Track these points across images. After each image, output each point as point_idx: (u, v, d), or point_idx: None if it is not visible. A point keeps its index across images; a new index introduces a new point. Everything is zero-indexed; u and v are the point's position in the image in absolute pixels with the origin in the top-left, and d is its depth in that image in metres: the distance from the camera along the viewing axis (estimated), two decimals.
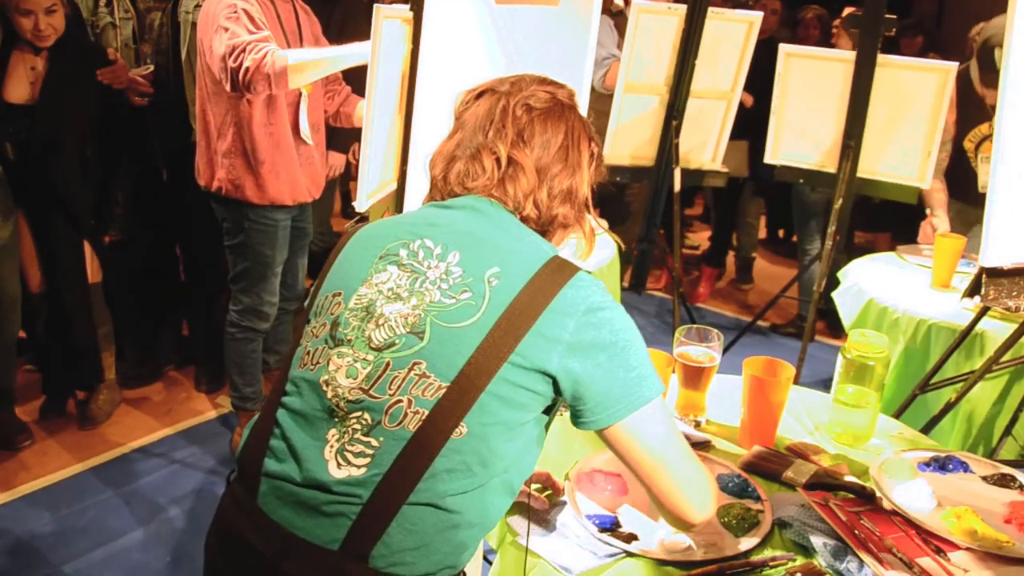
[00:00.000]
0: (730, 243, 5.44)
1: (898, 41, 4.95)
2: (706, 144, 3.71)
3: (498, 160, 1.29)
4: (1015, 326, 2.25)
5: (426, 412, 1.15)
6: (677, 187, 3.56)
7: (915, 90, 3.36)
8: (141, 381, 3.67)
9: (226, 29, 2.52)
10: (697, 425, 1.79)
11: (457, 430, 1.15)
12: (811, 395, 1.99)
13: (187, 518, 2.84)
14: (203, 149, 2.85)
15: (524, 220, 1.30)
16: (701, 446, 1.72)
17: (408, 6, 2.01)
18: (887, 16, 3.33)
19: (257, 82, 2.51)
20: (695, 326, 1.82)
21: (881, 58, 3.36)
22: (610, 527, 1.43)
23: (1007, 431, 2.42)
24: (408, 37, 2.02)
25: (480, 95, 1.36)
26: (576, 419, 1.26)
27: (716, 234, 5.41)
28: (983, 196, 1.82)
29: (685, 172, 3.60)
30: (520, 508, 1.47)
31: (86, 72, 3.06)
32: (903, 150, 3.44)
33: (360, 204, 2.30)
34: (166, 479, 3.04)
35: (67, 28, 2.99)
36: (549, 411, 1.26)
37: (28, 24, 2.86)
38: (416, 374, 1.17)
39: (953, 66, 3.29)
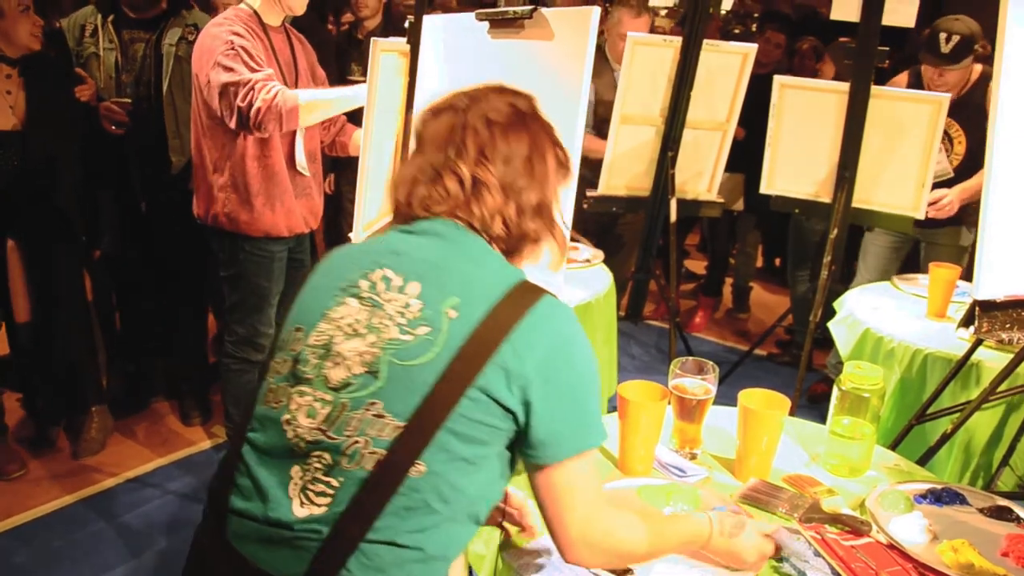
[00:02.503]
0: (726, 273, 5.45)
1: (896, 74, 5.00)
2: (702, 175, 3.73)
3: (461, 181, 1.26)
4: (1011, 355, 2.25)
5: (383, 452, 1.14)
6: (673, 217, 3.57)
7: (909, 121, 3.39)
8: (129, 410, 3.65)
9: (227, 68, 2.53)
10: (693, 457, 1.79)
11: (415, 468, 1.14)
12: (807, 426, 1.98)
13: (182, 549, 2.80)
14: (199, 182, 2.86)
15: (494, 240, 1.28)
16: (697, 479, 1.71)
17: (405, 39, 2.03)
18: (880, 48, 3.37)
19: (268, 121, 2.52)
20: (691, 358, 1.82)
21: (875, 89, 3.38)
22: None
23: (1004, 461, 2.41)
24: (404, 70, 2.04)
25: (438, 113, 1.31)
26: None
27: (712, 264, 5.42)
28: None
29: (681, 203, 3.62)
30: (512, 542, 1.46)
31: (67, 94, 3.09)
32: (898, 180, 3.46)
33: (356, 235, 2.31)
34: (160, 509, 3.02)
35: (45, 51, 3.02)
36: (514, 446, 1.22)
37: None
38: (373, 414, 1.16)
39: (946, 97, 3.31)
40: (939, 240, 3.64)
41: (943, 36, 3.34)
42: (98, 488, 3.15)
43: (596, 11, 1.51)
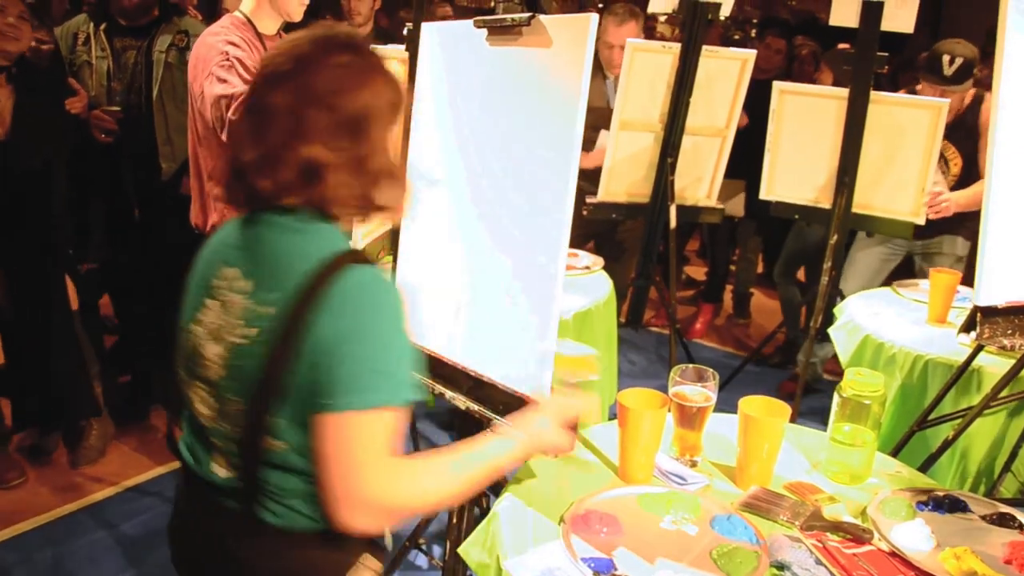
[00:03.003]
0: (727, 279, 5.45)
1: (896, 79, 5.00)
2: (701, 181, 3.73)
3: (281, 158, 1.24)
4: (1012, 361, 2.24)
5: (240, 436, 1.28)
6: (673, 224, 3.56)
7: (908, 126, 3.39)
8: (128, 420, 3.64)
9: (221, 80, 2.53)
10: (694, 465, 1.78)
11: (275, 444, 1.25)
12: (808, 433, 1.98)
13: None
14: (196, 192, 2.85)
15: (329, 214, 1.29)
16: (698, 487, 1.70)
17: (404, 47, 2.04)
18: (879, 53, 3.37)
19: None
20: (691, 365, 1.81)
21: (874, 95, 3.38)
22: (605, 571, 1.41)
23: (1006, 467, 2.41)
24: (403, 78, 2.04)
25: (269, 85, 1.27)
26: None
27: (713, 270, 5.42)
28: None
29: (680, 209, 3.61)
30: (517, 549, 1.45)
31: (56, 102, 3.08)
32: (897, 185, 3.46)
33: (355, 243, 2.31)
34: (159, 519, 3.01)
35: (34, 58, 3.01)
36: None
37: None
38: (237, 409, 1.28)
39: (945, 103, 3.31)
40: (935, 250, 3.63)
41: (946, 59, 3.35)
42: (97, 497, 3.14)
43: (594, 18, 1.50)
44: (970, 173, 3.44)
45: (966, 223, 3.41)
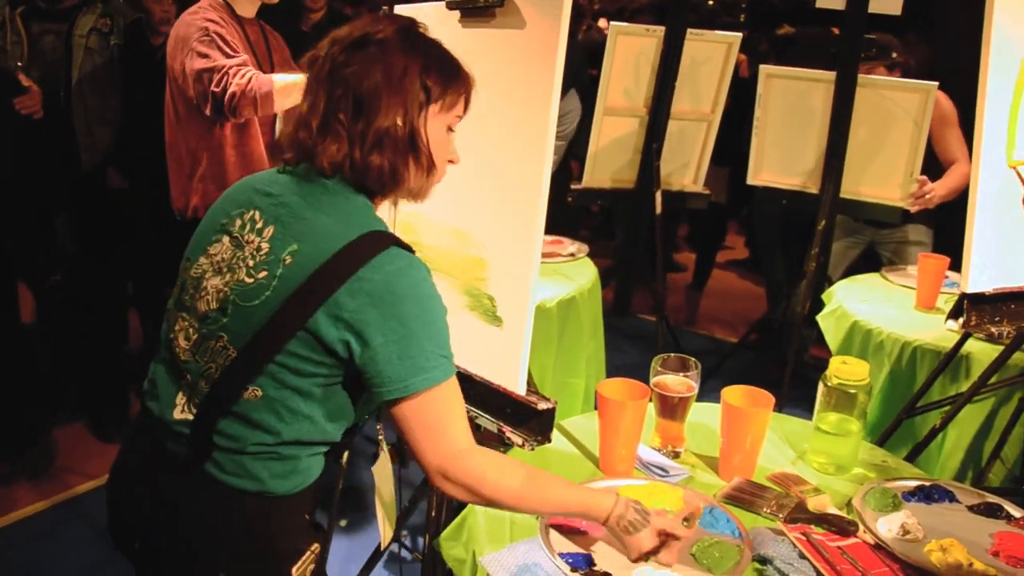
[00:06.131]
0: (713, 265, 5.42)
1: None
2: (687, 166, 3.69)
3: (314, 127, 1.30)
4: (1001, 347, 2.21)
5: (216, 375, 1.29)
6: (659, 210, 3.52)
7: (897, 109, 3.35)
8: (114, 416, 3.59)
9: (202, 55, 2.49)
10: (676, 456, 1.74)
11: (250, 392, 1.26)
12: (793, 422, 1.94)
13: None
14: (176, 177, 2.80)
15: (355, 183, 1.32)
16: (680, 479, 1.67)
17: None
18: (867, 37, 3.33)
19: (244, 107, 2.48)
20: (672, 354, 1.77)
21: (862, 78, 3.34)
22: (583, 566, 1.37)
23: (995, 455, 2.38)
24: None
25: (314, 58, 1.34)
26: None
27: (700, 257, 5.38)
28: None
29: (667, 195, 3.57)
30: (494, 543, 1.42)
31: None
32: (886, 169, 3.42)
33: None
34: None
35: None
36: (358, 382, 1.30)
37: None
38: (220, 345, 1.29)
39: (933, 85, 3.28)
40: (899, 238, 3.58)
41: None
42: (79, 491, 3.11)
43: None
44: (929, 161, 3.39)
45: (930, 210, 3.38)
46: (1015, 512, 1.58)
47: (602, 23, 6.37)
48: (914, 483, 1.66)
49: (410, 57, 1.31)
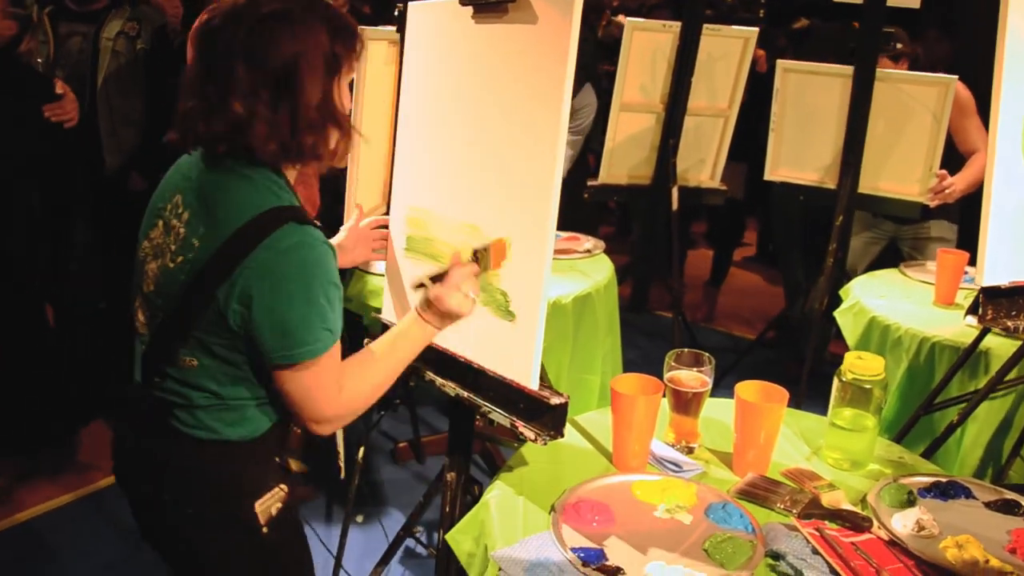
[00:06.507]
0: (731, 262, 5.39)
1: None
2: (704, 162, 3.67)
3: (216, 110, 1.32)
4: (1020, 343, 2.19)
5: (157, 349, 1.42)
6: (675, 206, 3.51)
7: (915, 103, 3.31)
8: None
9: None
10: (690, 451, 1.74)
11: (187, 362, 1.39)
12: (809, 418, 1.93)
13: None
14: None
15: (268, 162, 1.36)
16: (693, 475, 1.66)
17: (395, 28, 1.99)
18: (886, 31, 3.30)
19: None
20: (686, 350, 1.77)
21: (880, 72, 3.31)
22: (595, 561, 1.37)
23: (1015, 452, 2.35)
24: (395, 59, 1.99)
25: (204, 34, 1.35)
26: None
27: (718, 254, 5.36)
28: None
29: (683, 191, 3.55)
30: (506, 538, 1.42)
31: (24, 107, 2.83)
32: (904, 165, 3.39)
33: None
34: None
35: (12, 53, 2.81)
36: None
37: None
38: (158, 322, 1.41)
39: (953, 79, 3.24)
40: (923, 235, 3.54)
41: None
42: (101, 485, 3.14)
43: None
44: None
45: (953, 205, 3.34)
46: None
47: (620, 19, 6.35)
48: (930, 479, 1.64)
49: (317, 28, 1.35)
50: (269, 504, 1.47)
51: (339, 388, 1.42)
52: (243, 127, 1.32)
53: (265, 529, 1.46)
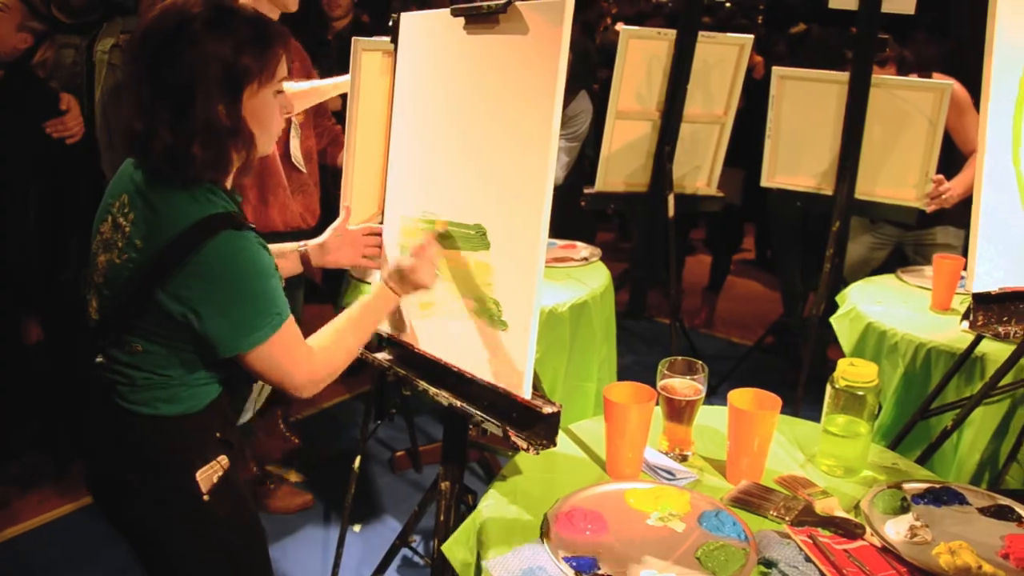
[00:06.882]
0: (729, 268, 5.40)
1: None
2: (700, 169, 3.68)
3: (127, 124, 1.43)
4: (1014, 348, 2.19)
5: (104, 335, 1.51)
6: (671, 213, 3.51)
7: (911, 109, 3.32)
8: None
9: None
10: (683, 459, 1.74)
11: (132, 348, 1.48)
12: (803, 425, 1.93)
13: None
14: None
15: (176, 175, 1.42)
16: (687, 482, 1.66)
17: (389, 39, 1.99)
18: (881, 36, 3.31)
19: None
20: (680, 358, 1.77)
21: (876, 78, 3.32)
22: (588, 569, 1.37)
23: (1012, 457, 2.35)
24: (389, 70, 2.00)
25: (127, 49, 1.52)
26: None
27: (716, 260, 5.36)
28: None
29: (680, 198, 3.56)
30: (499, 547, 1.42)
31: (27, 120, 2.85)
32: (901, 170, 3.40)
33: None
34: None
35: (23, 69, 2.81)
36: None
37: None
38: (106, 312, 1.50)
39: (948, 84, 3.25)
40: (928, 240, 3.55)
41: None
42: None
43: (570, 1, 1.46)
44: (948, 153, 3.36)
45: (958, 211, 3.34)
46: None
47: (619, 27, 6.36)
48: (924, 485, 1.64)
49: (221, 44, 1.39)
50: (210, 473, 1.55)
51: (307, 355, 1.54)
52: (144, 143, 1.41)
53: (207, 496, 1.54)
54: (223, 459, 1.57)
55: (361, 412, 2.82)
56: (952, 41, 3.93)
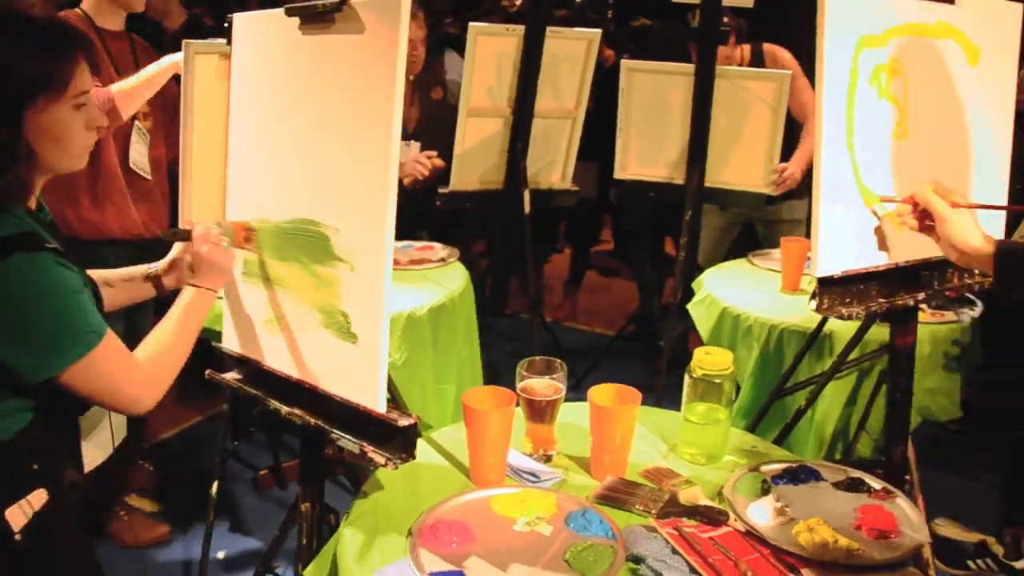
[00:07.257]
0: (589, 260, 5.47)
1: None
2: (554, 164, 3.69)
3: None
4: (859, 325, 2.28)
5: None
6: (527, 209, 3.51)
7: (754, 99, 3.43)
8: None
9: None
10: (548, 460, 1.72)
11: None
12: (665, 416, 1.94)
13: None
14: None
15: None
16: (552, 483, 1.64)
17: (226, 41, 1.89)
18: (722, 28, 3.40)
19: None
20: (538, 357, 1.75)
21: (720, 69, 3.41)
22: None
23: (860, 427, 2.45)
24: (226, 74, 1.89)
25: None
26: None
27: (575, 253, 5.42)
28: None
29: (535, 193, 3.56)
30: (363, 569, 1.36)
31: None
32: (747, 157, 3.50)
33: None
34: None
35: None
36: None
37: None
38: None
39: (787, 74, 3.37)
40: (774, 216, 3.70)
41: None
42: None
43: (407, 1, 1.41)
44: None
45: (800, 186, 3.49)
46: (875, 484, 1.62)
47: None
48: (782, 466, 1.68)
49: None
50: (24, 510, 1.42)
51: (134, 367, 1.47)
52: None
53: (18, 536, 1.41)
54: (40, 493, 1.44)
55: (219, 432, 2.69)
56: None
